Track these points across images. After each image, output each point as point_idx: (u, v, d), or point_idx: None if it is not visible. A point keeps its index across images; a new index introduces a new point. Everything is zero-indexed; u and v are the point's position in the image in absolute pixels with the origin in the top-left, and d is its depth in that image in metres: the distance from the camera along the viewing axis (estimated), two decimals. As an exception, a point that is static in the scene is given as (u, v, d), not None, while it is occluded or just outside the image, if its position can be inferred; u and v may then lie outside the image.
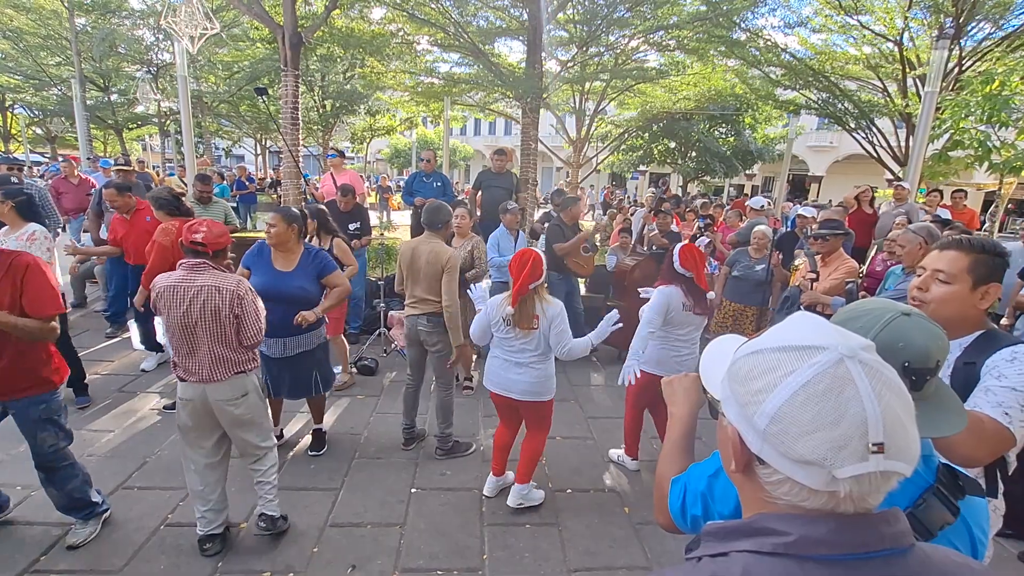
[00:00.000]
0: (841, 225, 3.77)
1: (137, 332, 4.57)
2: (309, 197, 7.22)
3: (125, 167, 5.80)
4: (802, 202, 15.24)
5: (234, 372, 2.34)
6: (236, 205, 11.65)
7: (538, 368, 2.74)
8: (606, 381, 4.80)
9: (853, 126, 11.00)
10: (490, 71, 9.35)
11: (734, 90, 13.46)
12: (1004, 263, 1.45)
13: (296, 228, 3.02)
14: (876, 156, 10.97)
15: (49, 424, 2.35)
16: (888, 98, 10.51)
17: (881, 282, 3.63)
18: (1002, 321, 4.10)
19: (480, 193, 5.87)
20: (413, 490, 3.04)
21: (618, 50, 11.51)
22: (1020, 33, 8.87)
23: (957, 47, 9.08)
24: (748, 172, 18.69)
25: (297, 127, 7.61)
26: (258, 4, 7.61)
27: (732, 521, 0.62)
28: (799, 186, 25.48)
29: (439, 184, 5.92)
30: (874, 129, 10.78)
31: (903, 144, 10.15)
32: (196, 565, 2.40)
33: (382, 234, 6.57)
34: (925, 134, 6.05)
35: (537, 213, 8.46)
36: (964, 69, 9.23)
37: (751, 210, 6.22)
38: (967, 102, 5.82)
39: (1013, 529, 2.66)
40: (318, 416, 3.40)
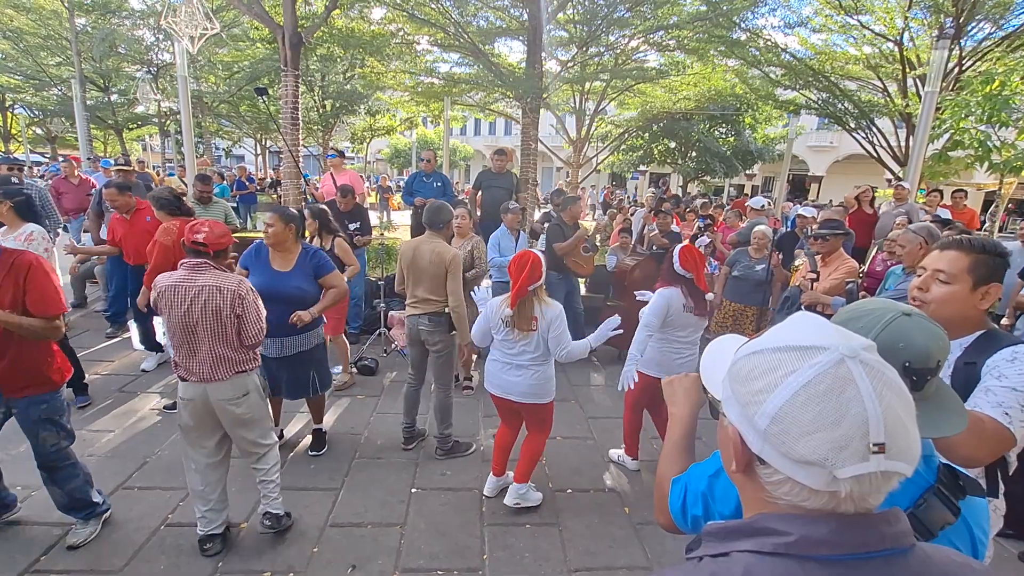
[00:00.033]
0: (841, 225, 3.77)
1: (137, 332, 4.57)
2: (309, 197, 7.22)
3: (125, 167, 5.81)
4: (802, 202, 15.25)
5: (235, 372, 2.34)
6: (236, 205, 11.67)
7: (537, 370, 2.74)
8: (606, 381, 4.80)
9: (853, 126, 10.99)
10: (490, 71, 9.34)
11: (734, 90, 13.46)
12: (1005, 263, 1.45)
13: (293, 228, 3.02)
14: (876, 156, 10.97)
15: (51, 424, 2.35)
16: (888, 98, 10.51)
17: (881, 282, 3.63)
18: (1002, 321, 4.11)
19: (480, 193, 5.87)
20: (413, 490, 3.04)
21: (618, 50, 11.51)
22: (1020, 33, 8.87)
23: (957, 47, 9.07)
24: (748, 172, 18.69)
25: (297, 127, 7.61)
26: (258, 4, 7.61)
27: (733, 521, 0.62)
28: (799, 186, 25.45)
29: (439, 184, 5.92)
30: (874, 129, 10.78)
31: (903, 144, 10.14)
32: (196, 565, 2.40)
33: (382, 234, 6.57)
34: (925, 134, 6.05)
35: (537, 213, 8.46)
36: (964, 69, 9.23)
37: (751, 210, 6.22)
38: (967, 102, 5.83)
39: (1014, 529, 2.66)
40: (318, 416, 3.40)
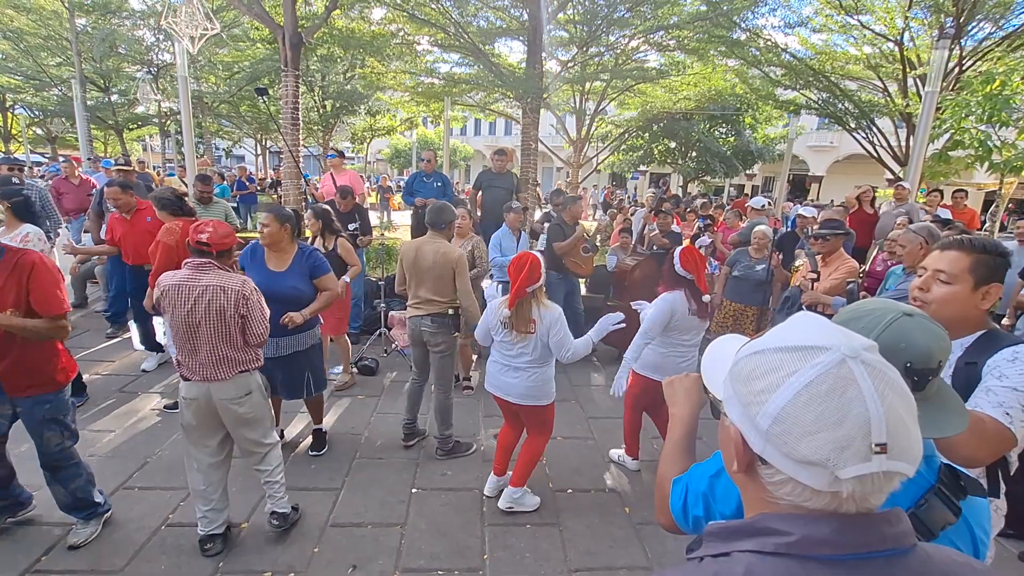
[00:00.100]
0: (842, 225, 3.76)
1: (137, 332, 4.57)
2: (309, 197, 7.23)
3: (125, 167, 5.81)
4: (802, 202, 15.27)
5: (238, 371, 2.34)
6: (236, 205, 11.69)
7: (535, 372, 2.72)
8: (606, 381, 4.79)
9: (853, 126, 10.99)
10: (490, 71, 9.34)
11: (734, 90, 13.46)
12: (1006, 263, 1.45)
13: (289, 228, 3.01)
14: (876, 156, 10.97)
15: (55, 423, 2.35)
16: (888, 98, 10.51)
17: (882, 282, 3.63)
18: (1003, 321, 4.11)
19: (480, 193, 5.87)
20: (414, 490, 3.04)
21: (618, 50, 11.51)
22: (1020, 33, 8.86)
23: (957, 47, 9.07)
24: (748, 172, 18.70)
25: (297, 127, 7.61)
26: (258, 4, 7.60)
27: (734, 521, 0.62)
28: (799, 186, 25.46)
29: (439, 184, 5.92)
30: (874, 129, 10.78)
31: (903, 144, 10.14)
32: (197, 565, 2.40)
33: (383, 234, 6.57)
34: (925, 134, 6.05)
35: (538, 213, 8.46)
36: (964, 69, 9.22)
37: (752, 210, 6.22)
38: (967, 102, 5.83)
39: (1015, 529, 2.66)
40: (317, 417, 3.40)
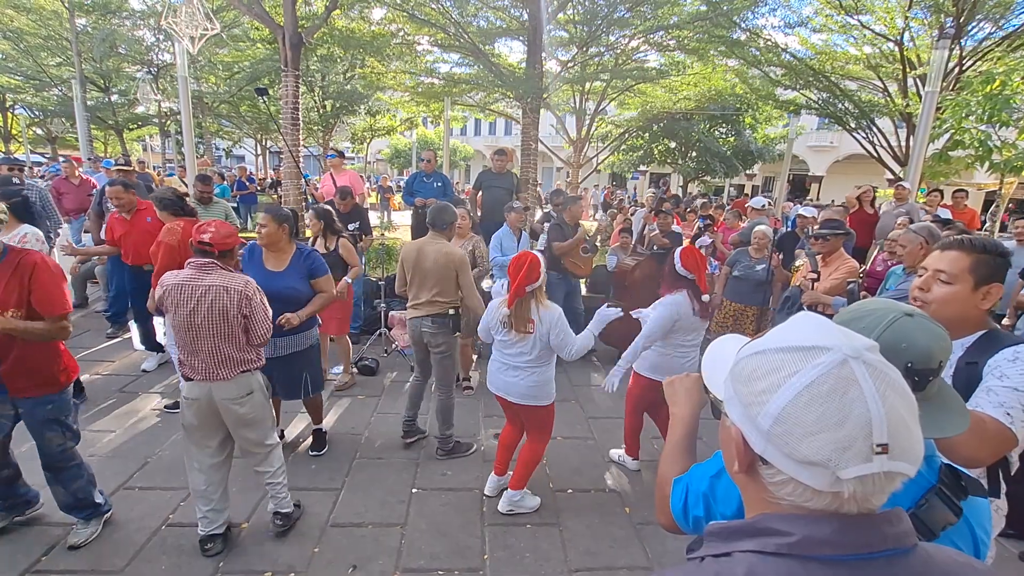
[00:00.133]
0: (842, 225, 3.76)
1: (138, 332, 4.57)
2: (309, 197, 7.23)
3: (125, 167, 5.80)
4: (802, 202, 15.27)
5: (240, 371, 2.34)
6: (236, 205, 11.70)
7: (534, 371, 2.72)
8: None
9: (853, 126, 11.00)
10: (490, 71, 9.34)
11: (734, 90, 13.46)
12: (1006, 263, 1.44)
13: (287, 228, 3.01)
14: (876, 156, 10.97)
15: (57, 424, 2.34)
16: (888, 98, 10.51)
17: (882, 282, 3.63)
18: (1004, 321, 4.10)
19: (480, 193, 5.87)
20: (414, 490, 3.04)
21: (618, 50, 11.51)
22: (1020, 33, 8.86)
23: (957, 47, 9.07)
24: (748, 172, 18.71)
25: (297, 127, 7.61)
26: (258, 4, 7.61)
27: (735, 521, 0.62)
28: (799, 186, 25.45)
29: (439, 184, 5.92)
30: (874, 129, 10.78)
31: (903, 144, 10.14)
32: (197, 565, 2.40)
33: (383, 234, 6.57)
34: (925, 134, 6.05)
35: (539, 213, 8.46)
36: (964, 69, 9.22)
37: (752, 210, 6.22)
38: (967, 102, 5.83)
39: (1015, 529, 2.66)
40: (316, 417, 3.40)
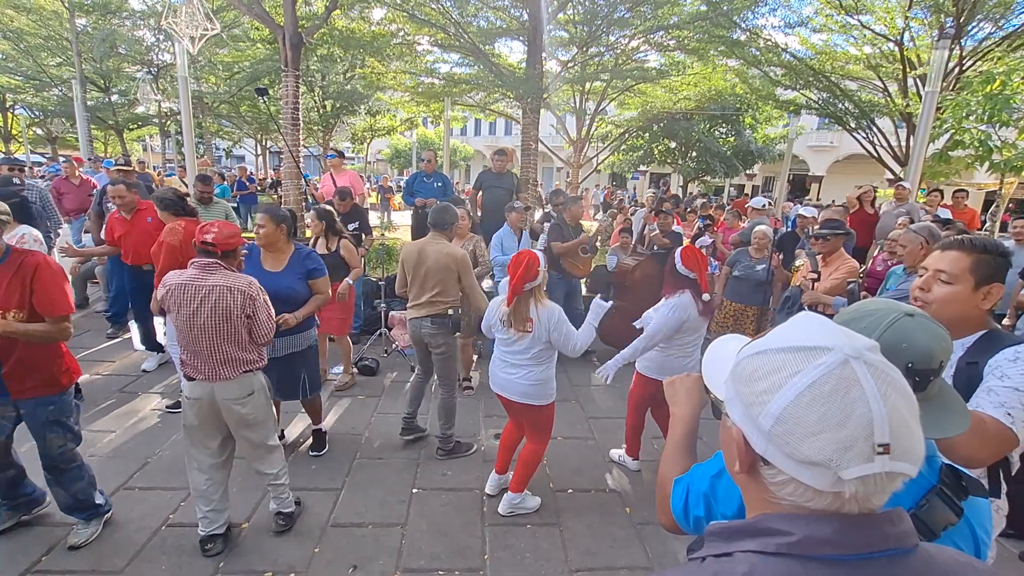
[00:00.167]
0: (842, 225, 3.76)
1: (138, 332, 4.57)
2: (309, 198, 7.22)
3: (125, 167, 5.80)
4: (803, 202, 15.27)
5: (242, 371, 2.34)
6: (237, 205, 11.71)
7: (533, 370, 2.71)
8: (607, 381, 4.77)
9: (853, 126, 10.99)
10: (490, 71, 9.34)
11: (734, 90, 13.46)
12: (1006, 263, 1.44)
13: (285, 228, 3.00)
14: (876, 156, 10.96)
15: (58, 425, 2.34)
16: (888, 98, 10.51)
17: (882, 282, 3.63)
18: (1004, 321, 4.10)
19: (481, 194, 5.87)
20: (414, 490, 3.04)
21: (618, 50, 11.50)
22: (1021, 33, 8.86)
23: (958, 47, 9.07)
24: (748, 172, 18.70)
25: (297, 127, 7.61)
26: (258, 4, 7.60)
27: (736, 521, 0.62)
28: (799, 186, 25.46)
29: (440, 184, 5.92)
30: (874, 129, 10.78)
31: (904, 144, 10.14)
32: (198, 565, 2.40)
33: (383, 234, 6.58)
34: (926, 134, 6.05)
35: (539, 213, 8.46)
36: (965, 69, 9.22)
37: (752, 210, 6.22)
38: (968, 102, 5.83)
39: (1016, 529, 2.66)
40: (315, 417, 3.40)
